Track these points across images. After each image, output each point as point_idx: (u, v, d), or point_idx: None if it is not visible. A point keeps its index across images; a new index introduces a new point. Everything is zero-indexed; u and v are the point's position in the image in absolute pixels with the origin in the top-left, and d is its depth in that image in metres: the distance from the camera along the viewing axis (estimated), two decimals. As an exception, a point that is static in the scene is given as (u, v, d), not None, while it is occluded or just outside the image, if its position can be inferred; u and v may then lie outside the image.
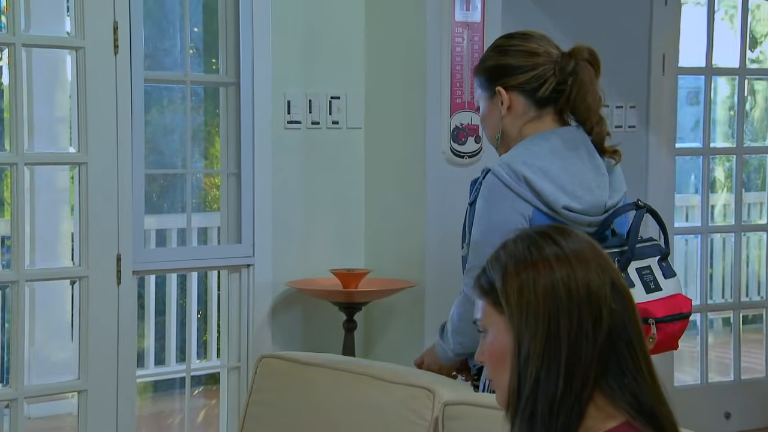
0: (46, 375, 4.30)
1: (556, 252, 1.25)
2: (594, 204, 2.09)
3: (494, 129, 2.15)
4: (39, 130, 4.74)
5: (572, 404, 1.19)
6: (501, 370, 1.25)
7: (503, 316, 1.25)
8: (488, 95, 2.15)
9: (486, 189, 2.06)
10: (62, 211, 4.96)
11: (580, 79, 2.09)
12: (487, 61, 2.17)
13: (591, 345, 1.20)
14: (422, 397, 1.99)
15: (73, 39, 2.95)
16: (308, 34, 3.52)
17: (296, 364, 2.25)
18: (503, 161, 2.08)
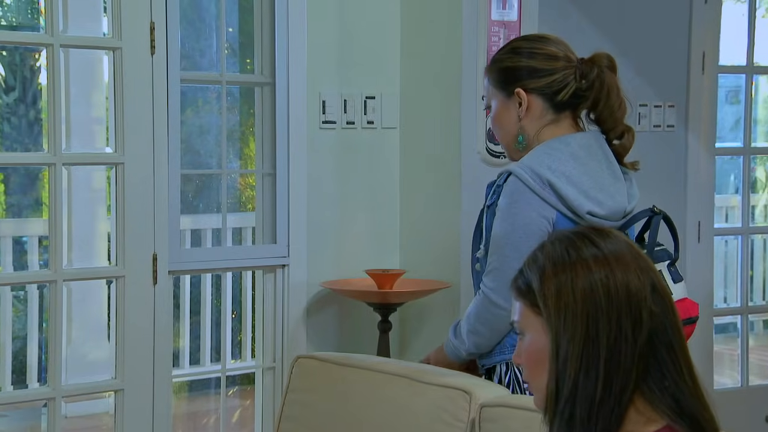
0: (82, 374, 4.34)
1: (594, 253, 1.25)
2: (615, 209, 2.13)
3: (510, 130, 2.18)
4: (76, 131, 4.79)
5: (612, 407, 1.18)
6: (539, 373, 1.24)
7: (541, 318, 1.25)
8: (504, 95, 2.17)
9: (509, 191, 2.08)
10: (99, 211, 5.01)
11: (607, 86, 2.13)
12: (504, 62, 2.19)
13: (630, 348, 1.20)
14: (458, 398, 1.99)
15: (110, 40, 2.97)
16: (344, 33, 3.53)
17: (332, 365, 2.25)
18: (525, 165, 2.10)
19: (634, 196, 2.20)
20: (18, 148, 6.81)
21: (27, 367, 4.83)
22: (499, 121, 2.21)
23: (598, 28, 3.90)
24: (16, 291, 5.21)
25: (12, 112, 6.71)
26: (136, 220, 3.01)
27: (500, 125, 2.21)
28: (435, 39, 3.55)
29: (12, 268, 4.92)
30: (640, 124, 4.04)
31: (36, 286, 4.86)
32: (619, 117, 2.17)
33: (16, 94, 6.67)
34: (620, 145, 2.18)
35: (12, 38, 3.73)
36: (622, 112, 2.17)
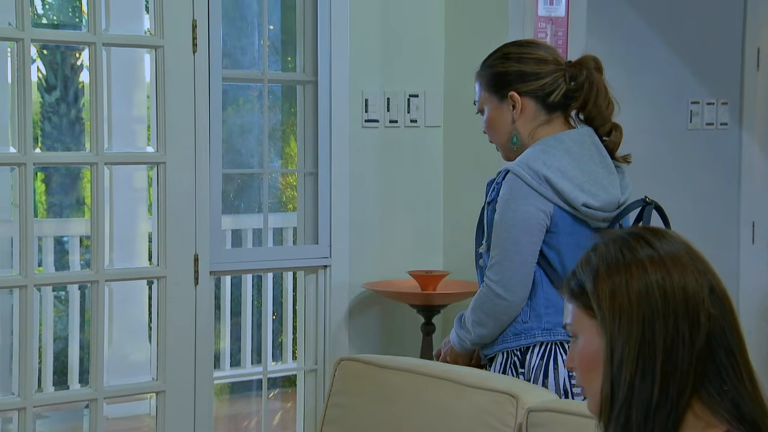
0: (123, 375, 4.38)
1: (650, 254, 1.23)
2: (609, 201, 2.28)
3: (505, 132, 2.33)
4: (117, 130, 4.84)
5: (669, 412, 1.17)
6: (593, 377, 1.23)
7: (595, 321, 1.23)
8: (497, 99, 2.32)
9: (508, 188, 2.22)
10: (139, 211, 5.06)
11: (596, 88, 2.30)
12: (496, 67, 2.34)
13: (688, 351, 1.18)
14: (505, 402, 1.98)
15: (152, 38, 3.00)
16: (387, 30, 3.52)
17: (375, 368, 2.25)
18: (522, 162, 2.24)
19: (626, 188, 2.35)
20: (59, 147, 6.89)
21: (68, 368, 4.88)
22: (493, 124, 2.34)
23: (648, 23, 3.87)
24: (58, 291, 5.27)
25: (53, 111, 6.80)
26: (178, 220, 3.03)
27: (494, 128, 2.34)
28: (480, 35, 3.53)
29: (53, 268, 4.98)
30: (692, 122, 4.01)
31: (77, 286, 4.91)
32: (607, 115, 2.33)
33: (58, 94, 6.76)
34: (610, 141, 2.35)
35: (54, 37, 3.77)
36: (610, 110, 2.34)
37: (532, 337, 2.24)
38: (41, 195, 6.54)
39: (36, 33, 2.90)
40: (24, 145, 2.76)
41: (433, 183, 3.63)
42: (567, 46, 3.42)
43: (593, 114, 2.33)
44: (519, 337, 2.25)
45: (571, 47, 3.43)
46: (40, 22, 6.41)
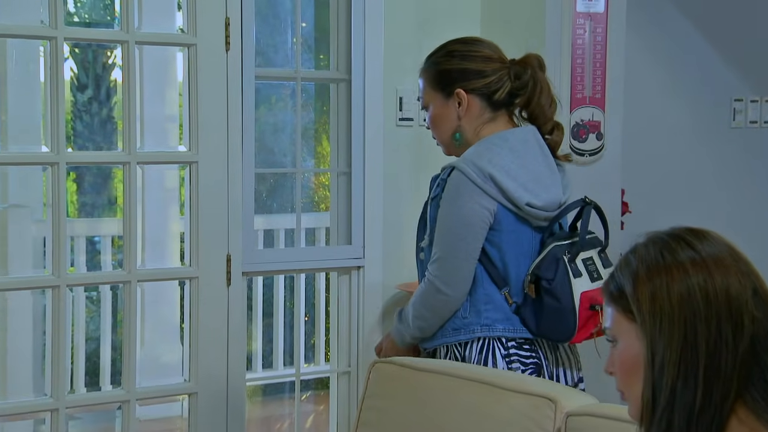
0: (155, 377, 4.42)
1: (691, 256, 1.22)
2: (551, 201, 2.34)
3: (450, 129, 2.38)
4: (149, 129, 4.88)
5: (712, 417, 1.16)
6: (633, 381, 1.23)
7: (635, 324, 1.23)
8: (443, 96, 2.38)
9: (454, 185, 2.28)
10: (171, 211, 5.09)
11: (540, 87, 2.37)
12: (442, 65, 2.39)
13: (731, 354, 1.17)
14: (543, 406, 1.98)
15: (185, 36, 3.02)
16: (421, 26, 3.53)
17: (410, 370, 2.25)
18: (468, 159, 2.29)
19: (567, 187, 2.42)
20: (90, 146, 6.96)
21: (100, 369, 4.93)
22: (438, 121, 2.40)
23: (689, 19, 3.84)
24: (89, 292, 5.33)
25: (85, 110, 6.87)
26: (210, 220, 3.05)
27: (439, 124, 2.40)
28: (517, 32, 3.53)
29: (85, 269, 5.03)
30: (735, 120, 3.97)
31: (109, 286, 4.96)
32: (550, 114, 2.39)
33: (89, 92, 6.82)
34: (551, 140, 2.40)
35: (87, 35, 3.81)
36: (553, 109, 2.40)
37: (471, 333, 2.32)
38: (72, 194, 6.61)
39: (69, 32, 2.92)
40: (57, 144, 2.79)
41: (468, 182, 3.62)
42: (606, 42, 3.41)
43: (536, 112, 2.39)
44: (458, 332, 2.33)
45: (610, 44, 3.42)
46: (72, 21, 6.48)
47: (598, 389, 2.23)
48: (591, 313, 2.32)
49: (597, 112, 3.44)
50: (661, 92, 4.26)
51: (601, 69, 3.42)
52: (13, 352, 4.50)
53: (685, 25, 3.95)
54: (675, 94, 4.27)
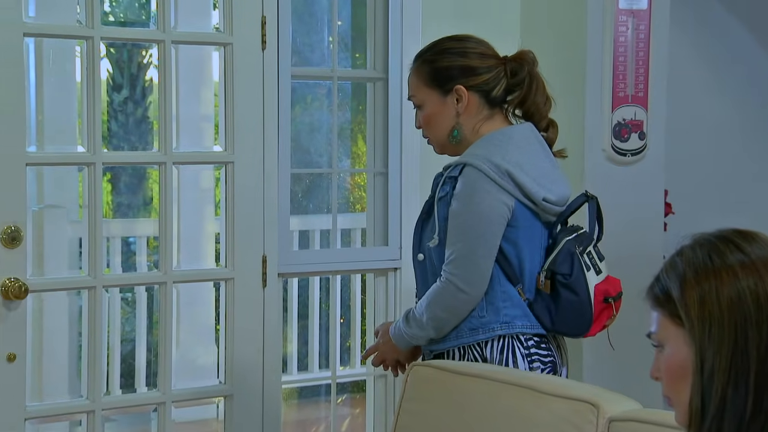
0: (189, 379, 4.45)
1: (740, 259, 1.21)
2: (561, 195, 2.38)
3: (447, 127, 2.38)
4: (185, 129, 4.92)
5: (763, 424, 1.15)
6: (681, 388, 1.21)
7: (682, 329, 1.22)
8: (440, 93, 2.37)
9: (469, 182, 2.28)
10: (206, 211, 5.12)
11: (536, 84, 2.40)
12: (438, 62, 2.38)
13: (783, 360, 1.16)
14: (585, 411, 1.96)
15: (221, 35, 3.04)
16: (460, 24, 3.51)
17: (449, 373, 2.25)
18: (481, 156, 2.29)
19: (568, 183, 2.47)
20: (125, 146, 7.02)
21: (135, 371, 4.96)
22: (434, 119, 2.39)
23: (735, 15, 3.80)
24: (124, 293, 5.37)
25: (120, 110, 6.92)
26: (246, 221, 3.06)
27: (435, 122, 2.39)
28: (557, 30, 3.51)
29: (120, 269, 5.07)
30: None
31: (144, 287, 4.99)
32: (544, 112, 2.41)
33: (124, 92, 6.88)
34: (547, 137, 2.43)
35: (123, 35, 3.84)
36: (548, 106, 2.42)
37: (491, 331, 2.31)
38: (107, 195, 6.67)
39: (105, 31, 2.94)
40: (93, 144, 2.81)
41: (507, 183, 3.61)
42: (649, 39, 3.38)
43: (531, 110, 2.40)
44: (476, 331, 2.32)
45: (653, 41, 3.39)
46: (108, 20, 6.54)
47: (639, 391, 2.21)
48: (604, 305, 2.38)
49: (639, 111, 3.41)
50: (706, 90, 4.22)
51: (644, 67, 3.39)
52: (49, 354, 4.54)
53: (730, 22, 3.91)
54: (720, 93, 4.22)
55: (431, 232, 2.34)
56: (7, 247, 2.67)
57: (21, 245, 2.69)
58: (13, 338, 2.70)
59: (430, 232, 2.35)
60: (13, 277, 2.68)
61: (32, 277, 2.86)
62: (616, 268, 3.44)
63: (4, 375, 2.68)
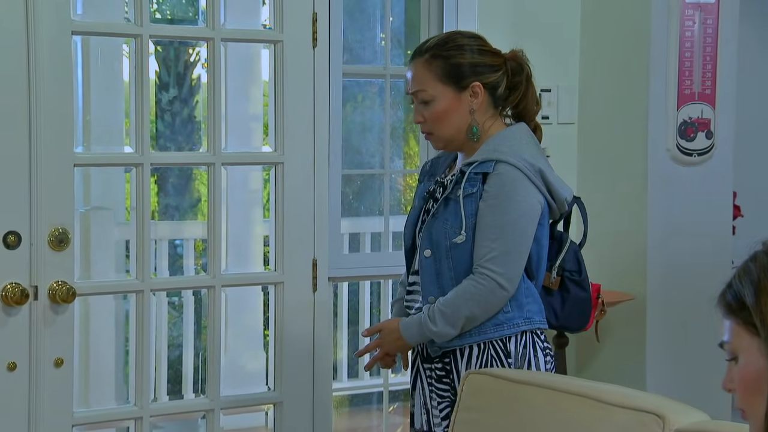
0: (237, 385, 4.48)
1: (819, 264, 1.19)
2: (570, 194, 2.44)
3: (462, 124, 2.41)
4: (233, 129, 4.95)
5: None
6: (756, 401, 1.19)
7: (758, 338, 1.20)
8: (455, 89, 2.40)
9: (508, 180, 2.33)
10: (255, 213, 5.15)
11: (532, 84, 2.46)
12: (454, 58, 2.41)
13: None
14: (650, 423, 1.94)
15: (271, 32, 3.05)
16: (516, 20, 3.50)
17: (506, 382, 2.23)
18: (515, 153, 2.34)
19: None
20: (171, 146, 7.09)
21: (183, 377, 5.01)
22: (446, 115, 2.41)
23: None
24: (171, 297, 5.42)
25: (166, 109, 6.99)
26: (296, 224, 3.07)
27: (447, 119, 2.41)
28: (619, 24, 3.48)
29: (167, 273, 5.12)
30: None
31: (191, 291, 5.03)
32: (533, 114, 2.47)
33: (171, 91, 6.94)
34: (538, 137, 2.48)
35: (173, 32, 3.87)
36: (538, 109, 2.48)
37: (516, 327, 2.38)
38: (153, 196, 6.75)
39: (154, 29, 2.97)
40: (141, 144, 2.84)
41: (566, 184, 3.59)
42: (717, 34, 3.34)
43: (524, 111, 2.46)
44: (501, 327, 2.38)
45: (721, 36, 3.35)
46: (154, 17, 6.62)
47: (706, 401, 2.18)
48: (597, 301, 2.55)
49: (707, 109, 3.36)
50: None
51: (711, 63, 3.35)
52: (96, 359, 4.60)
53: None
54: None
55: (454, 228, 2.37)
56: (54, 250, 2.71)
57: (69, 248, 2.73)
58: (61, 343, 2.73)
59: (452, 229, 2.37)
60: (60, 280, 2.72)
61: (79, 281, 2.90)
62: (681, 273, 3.42)
63: (52, 380, 2.72)
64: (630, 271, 3.45)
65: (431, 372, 2.45)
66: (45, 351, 2.71)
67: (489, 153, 2.36)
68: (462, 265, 2.37)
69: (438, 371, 2.44)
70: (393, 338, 2.46)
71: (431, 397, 2.46)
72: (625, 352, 3.47)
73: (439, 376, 2.44)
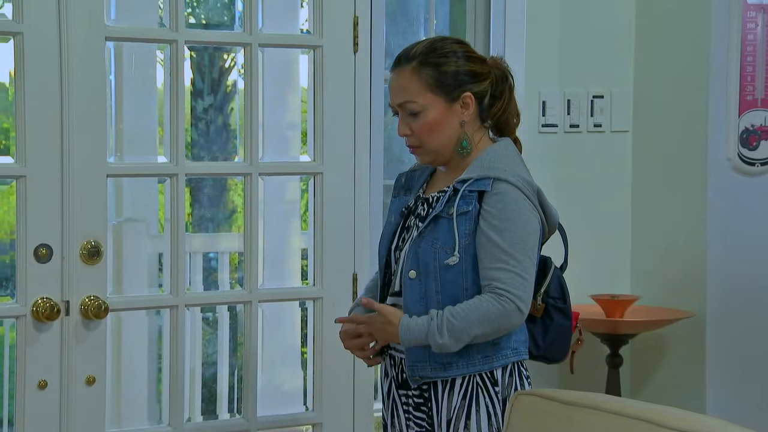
0: (274, 405, 4.49)
1: None
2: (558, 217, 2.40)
3: (452, 136, 2.33)
4: (270, 138, 4.97)
5: None
6: None
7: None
8: (446, 99, 2.32)
9: (511, 199, 2.27)
10: (292, 225, 5.16)
11: (513, 94, 2.40)
12: (445, 65, 2.32)
13: None
14: (711, 448, 1.92)
15: (310, 37, 3.07)
16: (567, 23, 3.50)
17: (557, 404, 2.22)
18: (512, 172, 2.29)
19: None
20: (205, 156, 7.14)
21: (217, 396, 5.03)
22: (438, 126, 2.32)
23: None
24: (205, 312, 5.44)
25: (201, 117, 7.05)
26: (335, 236, 3.08)
27: (438, 130, 2.33)
28: (677, 26, 3.46)
29: (201, 287, 5.14)
30: None
31: (226, 307, 5.05)
32: (514, 127, 2.41)
33: (206, 99, 7.00)
34: None
35: (208, 38, 3.90)
36: (518, 121, 2.41)
37: (504, 358, 2.33)
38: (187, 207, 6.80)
39: (190, 34, 3.00)
40: (176, 154, 2.87)
41: (619, 196, 3.57)
42: (781, 37, 3.31)
43: (503, 125, 2.39)
44: (489, 359, 2.32)
45: (785, 39, 3.32)
46: (189, 23, 6.68)
47: None
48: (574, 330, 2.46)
49: (771, 116, 3.34)
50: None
51: (775, 67, 3.33)
52: (128, 377, 4.63)
53: None
54: None
55: (445, 249, 2.29)
56: (86, 264, 2.74)
57: (101, 261, 2.76)
58: (93, 360, 2.76)
59: (443, 249, 2.29)
60: (92, 295, 2.75)
61: (112, 296, 2.93)
62: (743, 289, 3.39)
63: (84, 399, 2.75)
64: (688, 287, 3.42)
65: (407, 399, 2.39)
66: (76, 369, 2.73)
67: (484, 170, 2.30)
68: (451, 287, 2.29)
69: (415, 398, 2.38)
70: (386, 328, 2.32)
71: (408, 426, 2.40)
72: (684, 372, 3.45)
73: (417, 403, 2.37)
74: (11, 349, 4.25)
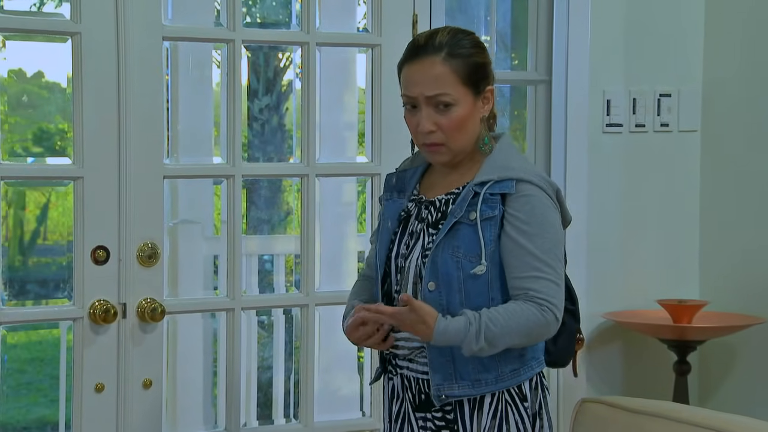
0: (330, 410, 4.50)
1: None
2: None
3: (475, 133, 2.23)
4: (325, 138, 4.99)
5: None
6: None
7: None
8: (474, 94, 2.21)
9: (539, 202, 2.18)
10: (348, 227, 5.18)
11: None
12: (475, 56, 2.21)
13: None
14: (785, 459, 1.91)
15: (369, 36, 3.08)
16: (633, 19, 3.48)
17: (623, 412, 2.23)
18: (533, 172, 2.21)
19: None
20: (260, 157, 7.19)
21: (273, 401, 5.06)
22: (465, 123, 2.21)
23: None
24: (260, 316, 5.48)
25: (256, 118, 7.10)
26: (394, 239, 3.08)
27: (466, 128, 2.21)
28: (748, 21, 3.42)
29: (257, 290, 5.18)
30: None
31: (282, 310, 5.08)
32: (493, 126, 2.30)
33: (264, 99, 7.05)
34: None
35: (266, 37, 3.93)
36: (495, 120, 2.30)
37: (531, 369, 2.25)
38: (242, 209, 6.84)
39: (247, 33, 3.03)
40: (233, 155, 2.90)
41: (687, 197, 3.55)
42: None
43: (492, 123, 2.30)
44: (517, 372, 2.22)
45: None
46: (244, 21, 6.74)
47: None
48: None
49: None
50: None
51: None
52: (183, 380, 4.67)
53: None
54: None
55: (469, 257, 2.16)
56: (143, 266, 2.78)
57: (158, 263, 2.79)
58: (149, 363, 2.80)
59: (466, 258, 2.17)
60: (149, 297, 2.78)
61: (168, 298, 2.96)
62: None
63: (140, 402, 2.79)
64: (760, 292, 3.39)
65: (425, 423, 2.24)
66: (133, 372, 2.77)
67: (502, 171, 2.19)
68: (476, 298, 2.17)
69: (437, 421, 2.23)
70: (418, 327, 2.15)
71: None
72: (755, 381, 3.41)
73: (438, 426, 2.23)
74: (68, 351, 4.32)
